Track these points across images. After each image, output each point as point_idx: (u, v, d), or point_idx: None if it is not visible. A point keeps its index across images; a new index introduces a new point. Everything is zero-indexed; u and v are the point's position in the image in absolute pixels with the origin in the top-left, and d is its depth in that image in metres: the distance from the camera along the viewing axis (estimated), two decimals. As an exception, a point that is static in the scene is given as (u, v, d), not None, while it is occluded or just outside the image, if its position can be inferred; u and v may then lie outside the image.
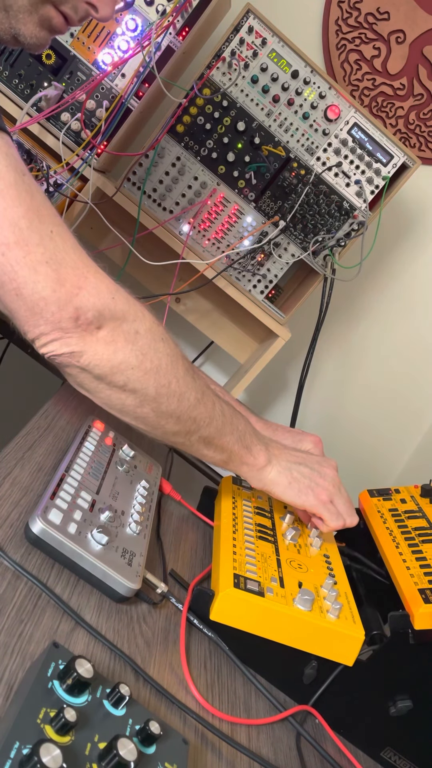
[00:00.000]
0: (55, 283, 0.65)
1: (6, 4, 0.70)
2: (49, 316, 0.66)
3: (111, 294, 0.70)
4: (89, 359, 0.69)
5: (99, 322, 0.69)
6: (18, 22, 0.72)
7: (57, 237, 0.67)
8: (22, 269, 0.64)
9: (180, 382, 0.75)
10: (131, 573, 0.71)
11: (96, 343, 0.69)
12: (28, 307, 0.66)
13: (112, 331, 0.70)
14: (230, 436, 0.82)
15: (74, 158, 1.34)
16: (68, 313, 0.66)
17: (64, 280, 0.66)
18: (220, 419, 0.81)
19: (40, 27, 0.73)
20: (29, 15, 0.72)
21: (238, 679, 0.77)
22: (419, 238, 1.85)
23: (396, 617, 0.79)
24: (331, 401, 1.98)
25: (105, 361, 0.70)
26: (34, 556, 0.68)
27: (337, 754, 0.76)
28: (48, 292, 0.65)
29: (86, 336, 0.68)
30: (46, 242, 0.65)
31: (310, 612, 0.75)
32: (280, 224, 1.42)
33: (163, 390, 0.74)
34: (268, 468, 0.86)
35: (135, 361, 0.71)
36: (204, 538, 0.99)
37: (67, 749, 0.46)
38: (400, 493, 1.06)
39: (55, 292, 0.65)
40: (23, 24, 0.72)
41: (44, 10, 0.72)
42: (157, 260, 1.40)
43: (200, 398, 0.78)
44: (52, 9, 0.72)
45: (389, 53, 1.71)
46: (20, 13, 0.71)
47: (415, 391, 1.97)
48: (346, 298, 1.86)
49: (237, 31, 1.32)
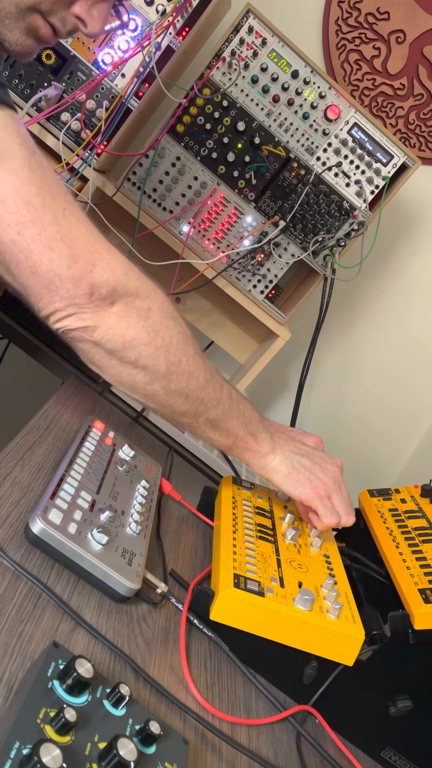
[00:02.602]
0: (69, 260, 0.66)
1: None
2: (65, 292, 0.67)
3: (124, 271, 0.71)
4: (102, 333, 0.70)
5: (113, 298, 0.69)
6: (4, 27, 0.70)
7: (70, 214, 0.67)
8: (38, 247, 0.65)
9: (190, 361, 0.76)
10: (131, 573, 0.71)
11: (109, 317, 0.70)
12: (43, 284, 0.67)
13: (125, 306, 0.71)
14: (236, 420, 0.83)
15: (74, 158, 1.34)
16: (83, 289, 0.67)
17: (78, 256, 0.67)
18: (227, 402, 0.81)
19: (26, 35, 0.72)
20: (16, 22, 0.70)
21: (238, 679, 0.77)
22: (419, 238, 1.85)
23: (396, 617, 0.79)
24: (331, 401, 1.98)
25: (118, 335, 0.71)
26: (34, 556, 0.68)
27: (337, 754, 0.76)
28: (63, 269, 0.66)
29: (100, 311, 0.69)
30: (59, 220, 0.66)
31: (310, 612, 0.75)
32: (280, 224, 1.42)
33: (173, 367, 0.74)
34: (271, 456, 0.86)
35: (147, 337, 0.72)
36: (204, 538, 0.99)
37: (67, 749, 0.46)
38: (400, 493, 1.06)
39: (70, 268, 0.66)
40: (9, 30, 0.71)
41: (31, 18, 0.71)
42: (157, 260, 1.40)
43: (209, 379, 0.79)
44: (39, 18, 0.71)
45: (389, 53, 1.71)
46: (6, 19, 0.70)
47: (415, 390, 1.97)
48: (346, 298, 1.86)
49: (237, 31, 1.32)
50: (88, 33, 0.75)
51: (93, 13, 0.73)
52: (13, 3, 0.69)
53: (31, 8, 0.70)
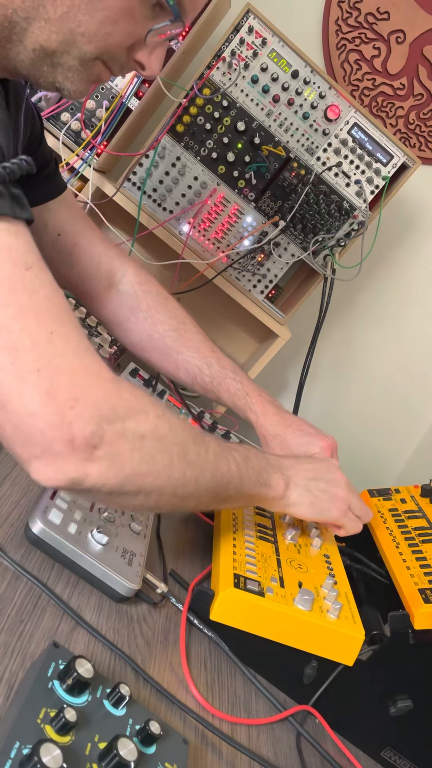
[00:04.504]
0: (45, 395, 0.56)
1: (55, 62, 0.67)
2: (39, 435, 0.56)
3: (111, 401, 0.60)
4: (94, 481, 0.60)
5: (99, 438, 0.59)
6: (66, 79, 0.69)
7: (56, 339, 0.57)
8: (8, 378, 0.55)
9: (194, 466, 0.69)
10: (131, 573, 0.71)
11: (99, 462, 0.59)
12: (14, 424, 0.56)
13: (114, 444, 0.60)
14: (248, 483, 0.78)
15: (74, 158, 1.34)
16: (61, 432, 0.56)
17: (57, 390, 0.56)
18: (237, 477, 0.76)
19: (87, 83, 0.70)
20: (79, 74, 0.68)
21: (238, 679, 0.77)
22: (419, 238, 1.85)
23: (396, 617, 0.79)
24: (331, 401, 1.98)
25: (113, 477, 0.61)
26: (34, 556, 0.68)
27: (337, 754, 0.76)
28: (37, 406, 0.56)
29: (86, 458, 0.58)
30: (40, 347, 0.56)
31: (310, 612, 0.75)
32: (280, 224, 1.42)
33: (178, 482, 0.68)
34: (288, 492, 0.84)
35: (145, 468, 0.63)
36: (204, 538, 0.99)
37: (67, 749, 0.46)
38: (400, 493, 1.06)
39: (46, 405, 0.56)
40: (71, 82, 0.69)
41: (94, 67, 0.69)
42: (157, 260, 1.41)
43: (215, 470, 0.73)
44: (101, 66, 0.69)
45: (389, 53, 1.71)
46: (70, 71, 0.68)
47: (415, 391, 1.97)
48: (346, 298, 1.86)
49: (237, 31, 1.32)
50: (147, 76, 0.73)
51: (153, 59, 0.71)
52: (76, 58, 0.67)
53: (95, 59, 0.68)
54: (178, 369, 1.03)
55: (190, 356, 1.02)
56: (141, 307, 1.03)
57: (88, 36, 0.65)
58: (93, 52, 0.67)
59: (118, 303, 1.03)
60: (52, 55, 0.66)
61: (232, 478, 0.76)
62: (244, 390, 1.01)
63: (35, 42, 0.65)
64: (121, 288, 1.03)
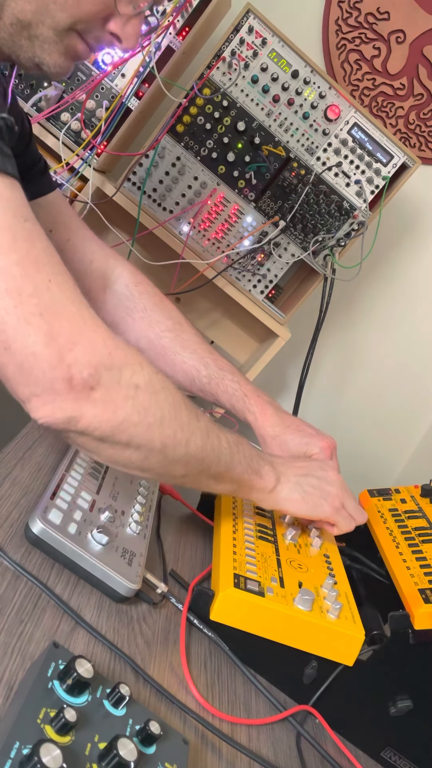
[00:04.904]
0: (47, 336, 0.60)
1: (31, 34, 0.70)
2: (40, 374, 0.60)
3: (108, 349, 0.64)
4: (88, 422, 0.63)
5: (95, 381, 0.63)
6: (43, 51, 0.71)
7: (55, 287, 0.62)
8: (12, 320, 0.59)
9: (184, 428, 0.71)
10: (131, 573, 0.71)
11: (93, 404, 0.63)
12: (17, 363, 0.60)
13: (109, 389, 0.64)
14: (239, 466, 0.80)
15: (74, 158, 1.34)
16: (61, 372, 0.61)
17: (57, 334, 0.60)
18: (227, 453, 0.78)
19: (64, 57, 0.73)
20: (55, 45, 0.71)
21: (238, 679, 0.77)
22: (419, 237, 1.85)
23: (396, 617, 0.79)
24: (331, 401, 1.98)
25: (105, 422, 0.64)
26: (34, 556, 0.68)
27: (337, 754, 0.76)
28: (39, 347, 0.60)
29: (81, 399, 0.62)
30: (41, 293, 0.60)
31: (310, 612, 0.75)
32: (280, 224, 1.42)
33: (168, 441, 0.70)
34: (278, 487, 0.84)
35: (137, 418, 0.66)
36: (204, 538, 0.99)
37: (67, 749, 0.46)
38: (400, 493, 1.06)
39: (47, 347, 0.60)
40: (48, 54, 0.71)
41: (69, 39, 0.71)
42: (157, 260, 1.41)
43: (206, 438, 0.75)
44: (77, 38, 0.72)
45: (389, 53, 1.71)
46: (46, 43, 0.71)
47: (415, 391, 1.97)
48: (346, 298, 1.86)
49: (237, 31, 1.32)
50: (124, 49, 0.75)
51: (128, 30, 0.73)
52: (50, 28, 0.69)
53: (68, 29, 0.70)
54: (175, 370, 1.03)
55: (187, 357, 1.02)
56: (137, 307, 1.02)
57: (60, 4, 0.68)
58: (66, 20, 0.69)
59: (114, 304, 1.02)
60: (28, 27, 0.69)
61: (223, 454, 0.77)
62: (242, 391, 1.01)
63: (11, 15, 0.68)
64: (117, 288, 1.03)
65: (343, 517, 0.89)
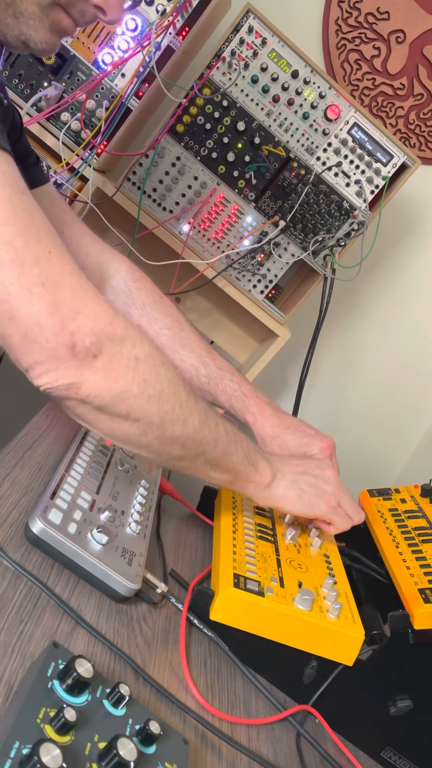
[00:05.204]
0: (50, 305, 0.61)
1: (16, 11, 0.70)
2: (44, 342, 0.62)
3: (109, 319, 0.66)
4: (89, 390, 0.65)
5: (97, 349, 0.64)
6: (29, 28, 0.72)
7: (55, 258, 0.63)
8: (16, 290, 0.60)
9: (183, 406, 0.72)
10: (131, 573, 0.71)
11: (95, 372, 0.65)
12: (21, 332, 0.62)
13: (111, 358, 0.66)
14: (236, 455, 0.80)
15: (74, 158, 1.34)
16: (64, 339, 0.62)
17: (60, 303, 0.62)
18: (224, 439, 0.78)
19: (50, 32, 0.73)
20: (40, 21, 0.71)
21: (238, 679, 0.77)
22: (419, 237, 1.85)
23: (396, 617, 0.79)
24: (331, 401, 1.98)
25: (105, 390, 0.66)
26: (34, 556, 0.68)
27: (337, 754, 0.76)
28: (43, 316, 0.61)
29: (83, 366, 0.64)
30: (42, 263, 0.62)
31: (310, 612, 0.75)
32: (280, 224, 1.42)
33: (166, 416, 0.71)
34: (275, 483, 0.84)
35: (137, 389, 0.68)
36: (204, 538, 0.99)
37: (67, 749, 0.46)
38: (400, 493, 1.06)
39: (51, 315, 0.61)
40: (34, 30, 0.72)
41: (54, 14, 0.72)
42: (157, 260, 1.41)
43: (204, 420, 0.75)
44: (61, 12, 0.72)
45: (389, 53, 1.71)
46: (31, 19, 0.71)
47: (415, 391, 1.97)
48: (346, 298, 1.86)
49: (237, 31, 1.32)
50: (108, 20, 0.75)
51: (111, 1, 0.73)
52: (34, 3, 0.70)
53: (53, 3, 0.71)
54: None
55: (185, 356, 1.01)
56: (135, 304, 1.02)
57: None
58: None
59: (111, 299, 1.01)
60: (12, 4, 0.70)
61: (220, 439, 0.78)
62: (242, 391, 1.00)
63: None
64: (114, 284, 1.02)
65: (340, 516, 0.88)
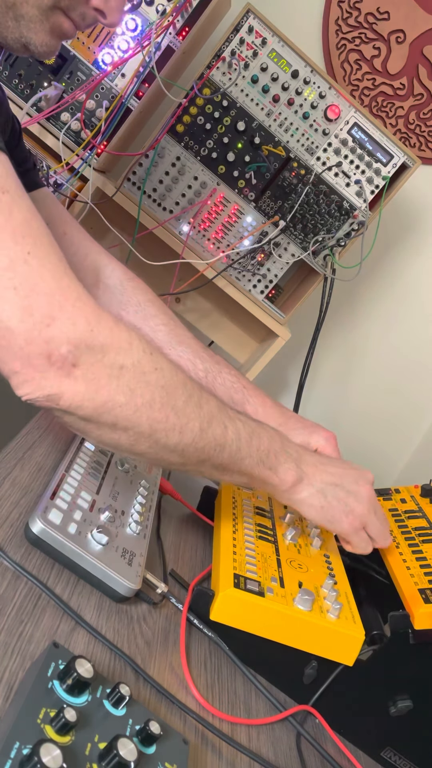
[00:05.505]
0: (22, 311, 0.59)
1: (17, 14, 0.71)
2: (18, 350, 0.59)
3: (90, 325, 0.62)
4: (69, 401, 0.62)
5: (75, 358, 0.61)
6: (30, 31, 0.72)
7: (33, 260, 0.60)
8: None
9: (179, 414, 0.68)
10: (131, 573, 0.71)
11: (74, 382, 0.61)
12: None
13: (91, 367, 0.62)
14: (249, 459, 0.76)
15: (74, 158, 1.34)
16: (38, 347, 0.59)
17: (34, 308, 0.59)
18: (234, 444, 0.74)
19: (51, 35, 0.73)
20: (40, 24, 0.72)
21: (238, 679, 0.77)
22: (419, 237, 1.85)
23: (396, 617, 0.79)
24: (331, 401, 1.98)
25: (87, 401, 0.62)
26: (34, 556, 0.68)
27: (337, 754, 0.76)
28: (14, 322, 0.58)
29: (61, 376, 0.61)
30: (17, 266, 0.59)
31: (310, 612, 0.75)
32: (280, 224, 1.42)
33: (158, 426, 0.67)
34: (299, 487, 0.80)
35: (122, 399, 0.64)
36: (204, 538, 0.99)
37: (67, 749, 0.46)
38: (400, 493, 1.06)
39: (22, 322, 0.59)
40: (35, 33, 0.72)
41: (54, 17, 0.72)
42: (157, 260, 1.41)
43: (206, 427, 0.71)
44: (62, 16, 0.73)
45: (389, 53, 1.71)
46: (31, 22, 0.71)
47: (415, 391, 1.97)
48: (346, 298, 1.86)
49: (237, 31, 1.32)
50: (109, 24, 0.75)
51: (111, 4, 0.73)
52: (34, 6, 0.70)
53: (53, 7, 0.71)
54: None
55: (182, 351, 1.00)
56: (131, 302, 1.01)
57: None
58: None
59: (107, 298, 1.01)
60: (13, 7, 0.70)
61: (227, 445, 0.73)
62: (240, 383, 1.00)
63: None
64: (110, 283, 1.02)
65: (361, 539, 0.84)
